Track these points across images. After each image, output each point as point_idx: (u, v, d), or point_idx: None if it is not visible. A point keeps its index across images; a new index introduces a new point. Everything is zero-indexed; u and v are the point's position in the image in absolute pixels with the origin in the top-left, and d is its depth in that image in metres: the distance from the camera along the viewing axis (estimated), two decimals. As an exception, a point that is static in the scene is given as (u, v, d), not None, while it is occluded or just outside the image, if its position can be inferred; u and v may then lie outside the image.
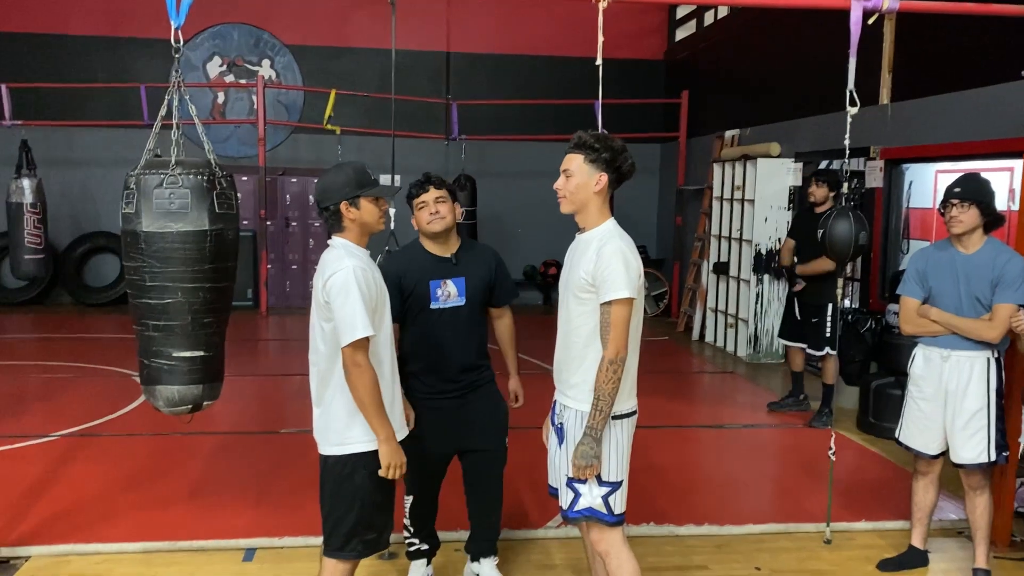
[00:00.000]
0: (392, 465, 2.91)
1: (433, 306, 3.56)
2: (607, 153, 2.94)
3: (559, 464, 3.07)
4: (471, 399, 3.65)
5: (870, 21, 3.97)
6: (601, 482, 2.96)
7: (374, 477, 2.94)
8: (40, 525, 4.36)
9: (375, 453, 2.91)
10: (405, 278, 3.55)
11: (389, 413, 2.93)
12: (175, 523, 4.43)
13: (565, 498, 3.04)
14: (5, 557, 4.01)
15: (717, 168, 9.97)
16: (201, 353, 3.49)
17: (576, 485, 2.98)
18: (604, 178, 2.95)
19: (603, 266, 2.85)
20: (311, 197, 11.99)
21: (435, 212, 3.53)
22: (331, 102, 11.02)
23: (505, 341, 3.84)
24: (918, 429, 3.97)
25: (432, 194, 3.54)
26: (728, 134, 10.36)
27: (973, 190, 3.76)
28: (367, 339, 2.82)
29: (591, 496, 2.97)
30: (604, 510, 2.98)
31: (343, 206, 2.94)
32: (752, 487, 5.35)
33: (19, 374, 7.81)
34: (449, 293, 3.58)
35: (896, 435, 4.11)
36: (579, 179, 2.96)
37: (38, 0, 11.74)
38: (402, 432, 3.08)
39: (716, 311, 9.91)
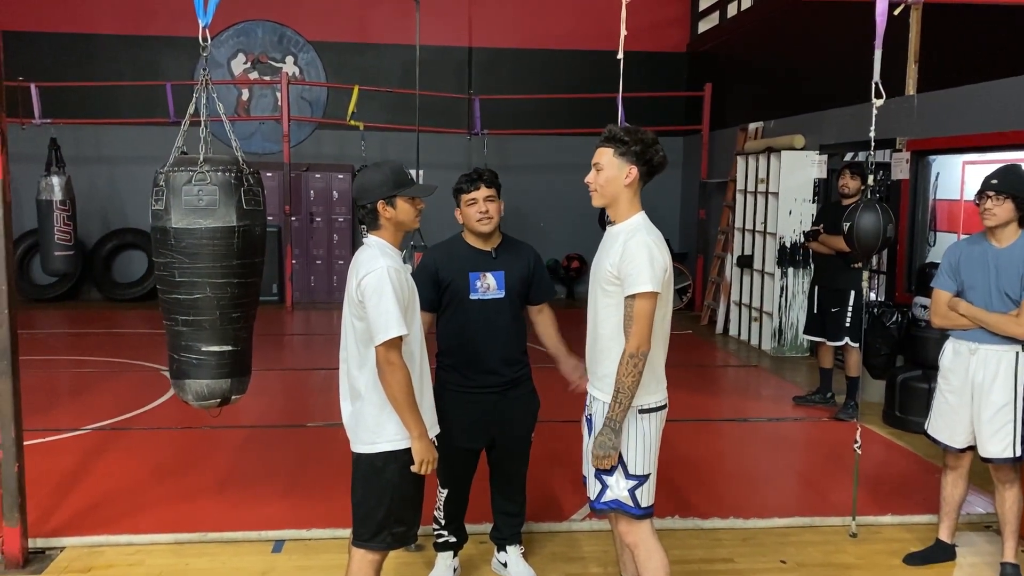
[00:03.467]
0: (425, 461, 2.94)
1: (472, 296, 3.57)
2: (637, 146, 2.94)
3: (588, 455, 3.08)
4: (510, 395, 3.66)
5: (896, 12, 3.93)
6: (628, 475, 2.97)
7: (405, 473, 2.96)
8: (74, 517, 4.44)
9: (407, 450, 2.94)
10: (442, 270, 3.57)
11: (419, 409, 2.96)
12: (205, 515, 4.49)
13: (593, 489, 3.05)
14: (40, 548, 4.09)
15: (740, 161, 9.92)
16: (229, 347, 3.54)
17: (604, 477, 2.99)
18: (635, 171, 2.95)
19: (628, 259, 2.86)
20: (335, 193, 12.08)
21: (484, 211, 3.53)
22: (354, 98, 11.09)
23: (549, 332, 3.78)
24: (945, 422, 3.94)
25: (483, 192, 3.53)
26: (752, 126, 10.29)
27: (1010, 183, 3.69)
28: (400, 338, 2.85)
29: (618, 488, 2.98)
30: (630, 503, 2.99)
31: (380, 205, 2.96)
32: (777, 480, 5.33)
33: (50, 369, 7.93)
34: (489, 285, 3.59)
35: (925, 427, 4.09)
36: (609, 172, 2.96)
37: (66, 0, 11.89)
38: (434, 429, 3.10)
39: (740, 304, 9.87)
